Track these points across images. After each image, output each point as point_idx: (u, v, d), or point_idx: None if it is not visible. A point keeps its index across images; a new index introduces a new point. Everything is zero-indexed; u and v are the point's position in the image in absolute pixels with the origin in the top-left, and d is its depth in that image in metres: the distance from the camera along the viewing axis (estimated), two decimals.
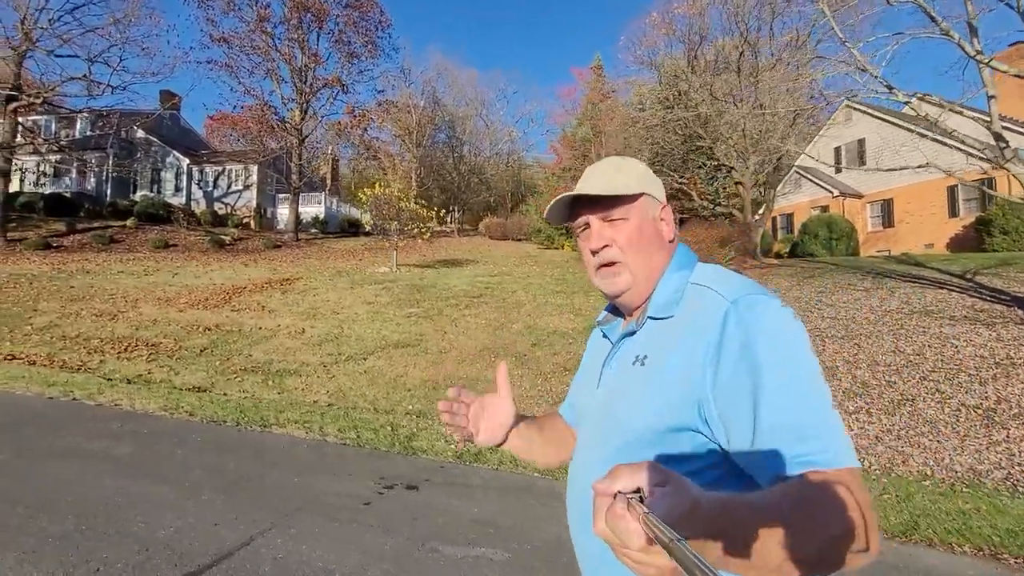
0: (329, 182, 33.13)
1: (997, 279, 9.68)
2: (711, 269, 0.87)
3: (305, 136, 23.31)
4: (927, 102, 7.78)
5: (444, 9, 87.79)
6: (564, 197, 0.91)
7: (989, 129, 7.15)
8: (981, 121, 7.22)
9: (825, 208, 19.66)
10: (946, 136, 7.38)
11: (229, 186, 27.15)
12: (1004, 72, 6.64)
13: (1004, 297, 8.42)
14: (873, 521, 0.61)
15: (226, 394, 6.49)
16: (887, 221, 18.56)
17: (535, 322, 8.84)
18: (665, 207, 0.93)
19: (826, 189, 19.82)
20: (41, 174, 25.84)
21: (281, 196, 28.00)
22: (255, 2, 21.27)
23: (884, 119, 18.01)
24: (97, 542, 2.29)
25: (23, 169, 24.70)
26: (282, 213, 27.82)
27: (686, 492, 0.49)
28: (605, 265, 0.89)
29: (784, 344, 0.72)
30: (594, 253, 0.90)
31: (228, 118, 30.17)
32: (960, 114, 7.36)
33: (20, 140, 18.77)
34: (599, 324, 1.01)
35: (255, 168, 26.65)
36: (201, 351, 8.05)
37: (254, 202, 26.66)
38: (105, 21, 18.62)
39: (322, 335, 8.63)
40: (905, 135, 17.34)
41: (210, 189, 27.24)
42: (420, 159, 37.64)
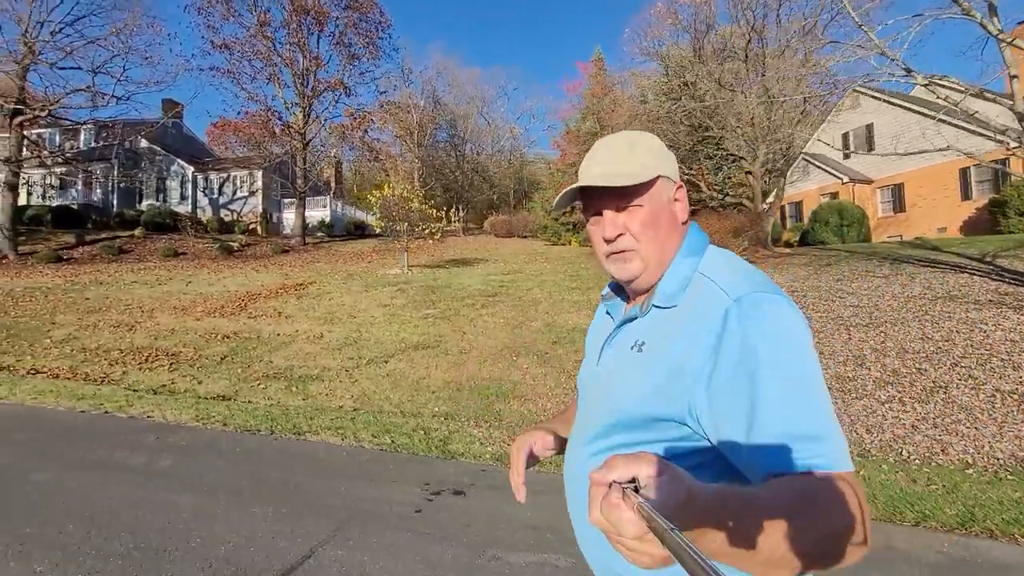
0: (333, 185, 33.15)
1: (1018, 261, 9.58)
2: (721, 258, 0.86)
3: (309, 140, 23.30)
4: (945, 86, 7.67)
5: (443, 8, 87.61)
6: (575, 188, 0.90)
7: (1012, 110, 7.06)
8: (1004, 103, 7.12)
9: (835, 195, 19.51)
10: (969, 119, 7.27)
11: (234, 192, 27.20)
12: None
13: None
14: (868, 516, 0.62)
15: (251, 401, 6.48)
16: (898, 206, 18.40)
17: (553, 319, 8.80)
18: (680, 187, 0.91)
19: (835, 176, 19.67)
20: (48, 187, 25.97)
21: (286, 201, 28.03)
22: (255, 7, 21.27)
23: (893, 103, 17.84)
24: (160, 561, 2.27)
25: (30, 182, 24.82)
26: (288, 218, 27.86)
27: (681, 482, 0.50)
28: (617, 252, 0.88)
29: (785, 346, 0.71)
30: (608, 241, 0.88)
31: (230, 125, 30.21)
32: (981, 97, 7.26)
33: (26, 154, 18.84)
34: (603, 299, 1.01)
35: (259, 174, 26.68)
36: (222, 359, 8.05)
37: (260, 208, 26.70)
38: (107, 32, 18.65)
39: (341, 339, 8.62)
40: (914, 119, 17.19)
41: (215, 196, 27.29)
42: (422, 159, 37.60)
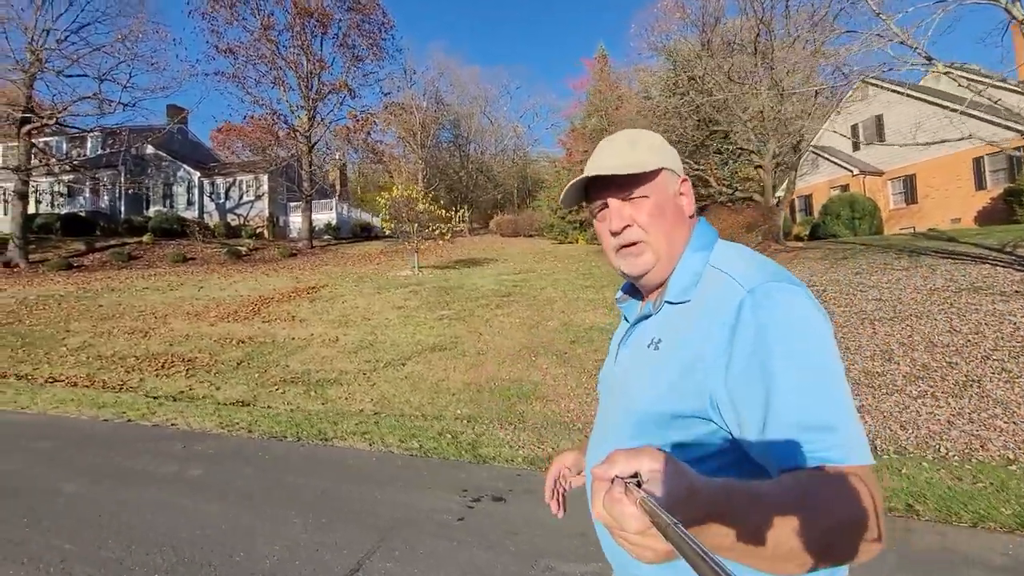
0: (338, 188, 33.15)
1: None
2: (733, 251, 0.85)
3: (314, 143, 23.28)
4: (969, 78, 7.52)
5: (444, 7, 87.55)
6: (580, 180, 0.89)
7: None
8: None
9: (845, 187, 19.32)
10: (993, 109, 7.13)
11: (240, 197, 27.22)
12: None
13: None
14: (881, 513, 0.60)
15: (270, 407, 6.44)
16: (910, 197, 18.20)
17: (570, 319, 8.72)
18: (685, 181, 0.90)
19: (845, 168, 19.48)
20: (57, 195, 26.08)
21: (292, 204, 28.03)
22: (258, 11, 21.26)
23: (904, 94, 17.64)
24: None
25: (38, 191, 24.93)
26: (294, 221, 27.86)
27: (683, 477, 0.50)
28: (626, 245, 0.87)
29: (800, 336, 0.69)
30: (615, 234, 0.88)
31: (234, 130, 30.28)
32: (1005, 85, 7.12)
33: (35, 162, 18.90)
34: (618, 302, 1.01)
35: (265, 178, 26.69)
36: (238, 364, 8.01)
37: (266, 212, 26.71)
38: (112, 39, 18.67)
39: (356, 342, 8.57)
40: (928, 109, 17.00)
41: (222, 201, 27.33)
42: (426, 160, 37.57)
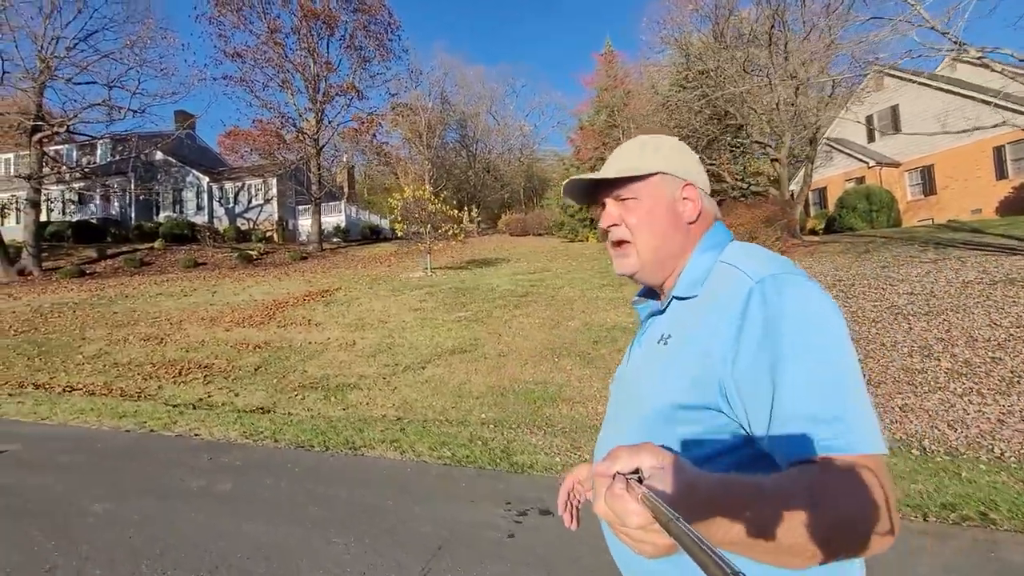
0: (346, 190, 33.11)
1: None
2: (743, 248, 0.84)
3: (322, 145, 23.23)
4: (1001, 66, 7.26)
5: (446, 7, 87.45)
6: (574, 181, 0.93)
7: None
8: None
9: (860, 180, 18.98)
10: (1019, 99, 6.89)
11: (250, 201, 27.24)
12: None
13: None
14: (894, 505, 0.59)
15: (290, 413, 6.33)
16: (928, 189, 17.85)
17: (591, 318, 8.55)
18: (687, 186, 0.88)
19: (860, 160, 19.14)
20: (68, 202, 26.21)
21: (301, 207, 28.03)
22: (265, 15, 21.20)
23: (920, 83, 17.30)
24: None
25: (49, 198, 25.05)
26: (303, 224, 27.86)
27: (683, 472, 0.50)
28: (615, 244, 0.90)
29: (809, 326, 0.68)
30: (604, 232, 0.91)
31: (241, 134, 30.32)
32: None
33: (46, 170, 18.96)
34: (634, 304, 1.00)
35: (274, 181, 26.70)
36: (255, 370, 7.92)
37: (275, 215, 26.72)
38: (121, 45, 18.68)
39: (374, 346, 8.45)
40: (942, 98, 16.66)
41: (231, 205, 27.36)
42: (432, 160, 37.47)
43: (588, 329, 8.14)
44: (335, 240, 26.49)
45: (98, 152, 25.90)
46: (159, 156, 26.45)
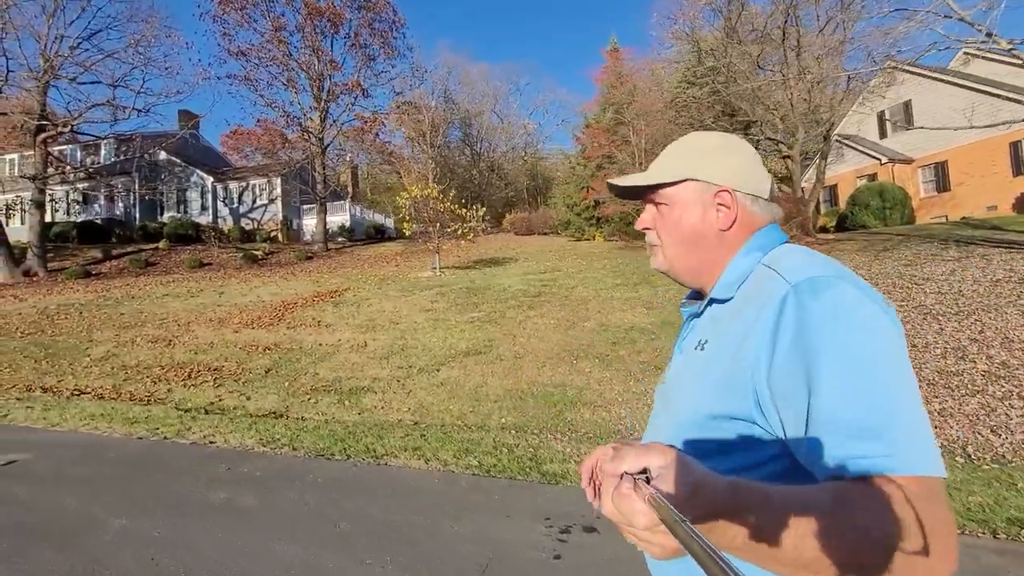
0: (351, 189, 32.98)
1: None
2: (788, 250, 0.78)
3: (327, 144, 23.06)
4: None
5: (451, 4, 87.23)
6: (610, 185, 0.94)
7: None
8: None
9: (873, 176, 18.75)
10: None
11: (254, 201, 27.10)
12: None
13: None
14: (944, 535, 0.53)
15: (304, 418, 6.18)
16: (942, 185, 17.61)
17: (607, 319, 8.38)
18: (721, 192, 0.83)
19: (872, 156, 18.91)
20: (73, 203, 26.13)
21: (306, 207, 27.88)
22: (268, 13, 21.03)
23: (934, 78, 17.06)
24: None
25: (53, 199, 24.97)
26: (308, 224, 27.72)
27: (690, 473, 0.49)
28: (651, 244, 0.91)
29: (848, 331, 0.62)
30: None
31: (244, 134, 30.19)
32: None
33: (51, 170, 18.86)
34: (681, 307, 0.98)
35: (278, 181, 26.56)
36: (266, 372, 7.77)
37: (280, 215, 26.58)
38: (124, 44, 18.54)
39: (386, 347, 8.29)
40: (957, 93, 16.41)
41: (235, 205, 27.24)
42: (435, 159, 37.32)
43: (605, 330, 7.96)
44: (340, 240, 26.35)
45: (102, 152, 25.80)
46: (163, 156, 26.34)
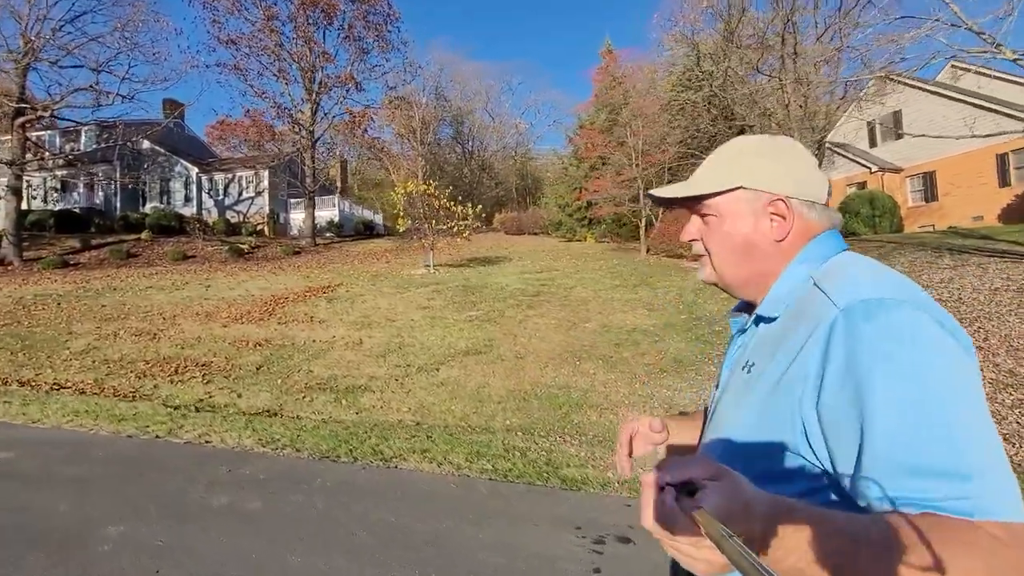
0: (340, 184, 32.47)
1: None
2: (842, 264, 0.71)
3: (317, 137, 22.64)
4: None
5: (445, 2, 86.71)
6: (650, 196, 0.91)
7: None
8: None
9: (863, 184, 18.99)
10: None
11: (240, 193, 26.50)
12: None
13: None
14: None
15: (300, 417, 5.96)
16: (929, 195, 17.90)
17: (608, 320, 8.27)
18: (775, 201, 0.77)
19: (863, 165, 19.15)
20: (51, 190, 25.28)
21: (293, 201, 27.36)
22: (260, 1, 20.56)
23: (925, 89, 17.34)
24: None
25: (31, 186, 24.13)
26: (295, 218, 27.20)
27: (740, 489, 0.47)
28: (696, 256, 0.87)
29: (907, 357, 0.56)
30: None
31: (231, 125, 29.55)
32: None
33: (29, 156, 18.18)
34: (730, 316, 0.93)
35: (266, 173, 26.00)
36: (257, 369, 7.50)
37: (267, 208, 26.03)
38: (110, 28, 17.95)
39: (383, 345, 8.08)
40: (946, 104, 16.70)
41: (221, 197, 26.60)
42: (425, 156, 36.98)
43: (607, 331, 7.85)
44: (328, 235, 25.90)
45: (82, 139, 24.99)
46: (146, 145, 25.59)
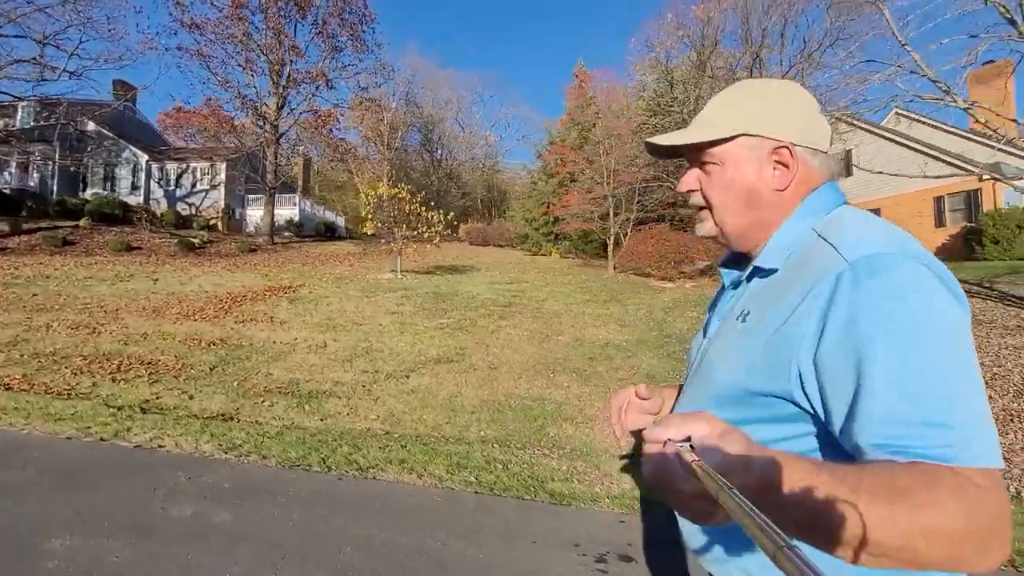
0: (301, 183, 31.45)
1: (1019, 287, 9.84)
2: (845, 217, 0.72)
3: (282, 133, 21.85)
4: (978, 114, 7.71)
5: (419, 7, 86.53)
6: (649, 144, 0.88)
7: None
8: None
9: None
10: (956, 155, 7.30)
11: (194, 185, 25.17)
12: None
13: None
14: (1003, 524, 0.52)
15: (259, 422, 5.58)
16: None
17: (580, 334, 8.25)
18: (780, 148, 0.75)
19: None
20: None
21: (251, 197, 26.23)
22: None
23: (873, 132, 18.57)
24: None
25: None
26: (252, 215, 26.07)
27: (738, 442, 0.48)
28: (696, 209, 0.85)
29: (908, 313, 0.58)
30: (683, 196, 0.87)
31: (186, 113, 28.20)
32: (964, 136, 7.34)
33: None
34: (720, 266, 0.92)
35: (223, 166, 24.85)
36: (211, 369, 7.02)
37: (222, 203, 24.83)
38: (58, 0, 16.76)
39: (348, 349, 7.75)
40: (891, 147, 17.94)
41: (172, 188, 25.19)
42: (391, 161, 36.50)
43: (580, 345, 7.83)
44: (287, 234, 24.94)
45: (19, 115, 23.18)
46: (92, 127, 23.99)
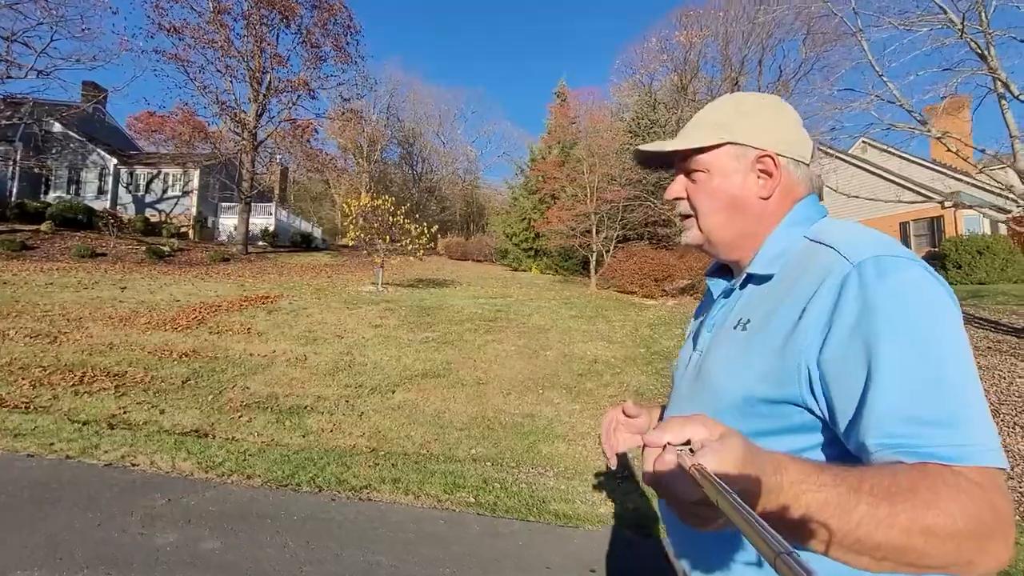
0: (277, 192, 30.84)
1: (983, 311, 10.24)
2: (836, 225, 0.74)
3: (260, 141, 21.42)
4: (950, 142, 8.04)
5: (404, 24, 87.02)
6: (637, 152, 0.90)
7: (1012, 167, 7.51)
8: (1006, 163, 7.57)
9: None
10: (986, 181, 7.63)
11: (164, 191, 24.39)
12: None
13: (1004, 327, 8.84)
14: (1006, 524, 0.51)
15: (235, 438, 5.29)
16: None
17: (568, 350, 8.18)
18: (764, 156, 0.77)
19: None
20: None
21: (225, 205, 25.58)
22: None
23: (845, 160, 19.32)
24: None
25: None
26: (225, 223, 25.39)
27: (737, 446, 0.47)
28: (682, 217, 0.86)
29: (913, 313, 0.59)
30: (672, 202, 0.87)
31: (157, 120, 27.50)
32: (997, 161, 7.68)
33: None
34: (706, 276, 0.93)
35: (196, 173, 24.18)
36: (183, 382, 6.66)
37: (194, 210, 24.10)
38: None
39: (330, 363, 7.48)
40: (860, 175, 18.68)
41: (141, 194, 24.34)
42: (370, 173, 36.26)
43: (569, 361, 7.75)
44: (261, 244, 24.32)
45: None
46: (58, 128, 23.09)
